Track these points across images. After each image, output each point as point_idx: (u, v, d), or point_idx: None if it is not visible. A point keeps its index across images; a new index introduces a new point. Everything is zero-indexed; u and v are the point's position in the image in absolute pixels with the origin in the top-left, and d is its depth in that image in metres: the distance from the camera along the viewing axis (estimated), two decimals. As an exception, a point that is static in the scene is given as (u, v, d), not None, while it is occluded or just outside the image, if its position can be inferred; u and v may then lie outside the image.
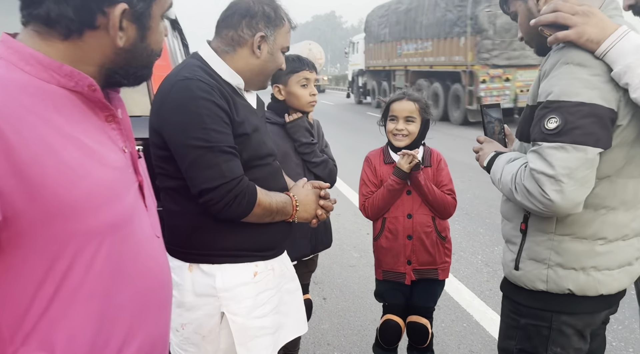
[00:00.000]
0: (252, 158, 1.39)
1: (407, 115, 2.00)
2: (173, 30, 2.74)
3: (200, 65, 1.37)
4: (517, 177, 1.18)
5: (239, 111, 1.35)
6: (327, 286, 3.42)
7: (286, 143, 2.00)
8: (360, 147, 9.08)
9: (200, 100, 1.26)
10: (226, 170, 1.27)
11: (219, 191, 1.27)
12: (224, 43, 1.40)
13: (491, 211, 5.00)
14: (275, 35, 1.41)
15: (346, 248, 4.15)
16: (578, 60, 1.12)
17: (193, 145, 1.25)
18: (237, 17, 1.38)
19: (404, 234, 2.02)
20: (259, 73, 1.45)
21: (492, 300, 3.11)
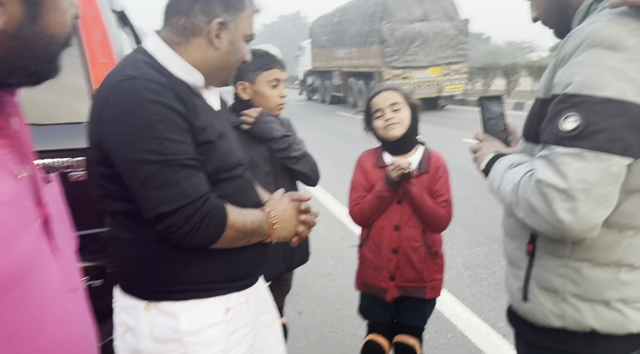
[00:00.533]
0: (219, 170, 1.18)
1: (392, 103, 1.81)
2: (124, 26, 2.47)
3: (147, 61, 1.13)
4: (520, 188, 0.96)
5: (199, 114, 1.13)
6: (303, 299, 3.21)
7: (253, 149, 1.78)
8: (333, 148, 8.95)
9: (149, 103, 1.04)
10: (188, 188, 1.05)
11: (181, 215, 1.05)
12: (175, 32, 1.17)
13: (468, 211, 4.90)
14: (236, 21, 1.19)
15: (321, 255, 3.95)
16: (609, 42, 0.88)
17: (144, 159, 1.03)
18: (189, 0, 1.15)
19: (389, 247, 1.84)
20: (219, 67, 1.22)
21: (475, 307, 2.97)
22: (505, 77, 16.43)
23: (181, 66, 1.16)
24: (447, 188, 1.86)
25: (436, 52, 13.36)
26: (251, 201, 1.28)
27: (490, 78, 17.56)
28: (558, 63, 0.97)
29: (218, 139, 1.17)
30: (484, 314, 2.88)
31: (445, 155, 1.99)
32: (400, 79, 13.05)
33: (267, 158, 1.81)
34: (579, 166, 0.87)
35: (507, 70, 16.30)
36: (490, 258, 3.72)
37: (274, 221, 1.25)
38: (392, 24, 13.04)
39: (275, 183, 1.82)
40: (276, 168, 1.82)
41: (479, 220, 4.60)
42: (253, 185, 1.35)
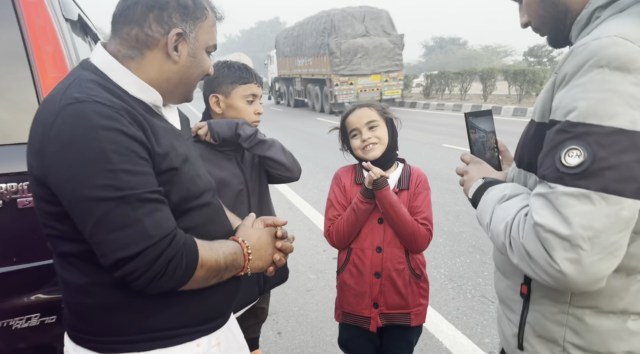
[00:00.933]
0: (186, 199, 1.05)
1: (368, 121, 1.70)
2: (84, 34, 2.32)
3: (95, 79, 0.99)
4: (514, 229, 0.83)
5: (159, 138, 1.00)
6: (282, 317, 3.07)
7: (222, 167, 1.65)
8: (311, 156, 8.83)
9: (100, 130, 0.90)
10: (151, 227, 0.92)
11: (144, 259, 0.91)
12: (126, 45, 1.04)
13: (449, 218, 4.83)
14: (196, 31, 1.07)
15: (301, 269, 3.82)
16: (618, 62, 0.75)
17: (97, 197, 0.89)
18: (142, 8, 1.02)
19: (371, 271, 1.72)
20: (179, 82, 1.09)
21: (460, 322, 2.88)
22: (482, 82, 16.60)
23: (136, 84, 1.03)
24: (427, 205, 1.75)
25: (376, 62, 16.07)
26: (222, 230, 1.16)
27: (467, 83, 17.74)
28: (558, 83, 0.84)
29: (182, 164, 1.04)
30: (469, 329, 2.79)
31: (425, 161, 1.89)
32: (347, 85, 16.06)
33: (239, 176, 1.68)
34: (584, 209, 0.74)
35: (484, 74, 16.48)
36: (473, 268, 3.65)
37: (248, 252, 1.14)
38: (339, 39, 15.82)
39: (248, 203, 1.70)
40: (249, 186, 1.70)
41: (461, 228, 4.53)
42: (223, 211, 1.22)
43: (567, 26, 0.93)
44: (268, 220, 1.27)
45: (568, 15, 0.92)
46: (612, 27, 0.80)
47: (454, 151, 8.42)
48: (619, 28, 0.79)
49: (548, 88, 0.88)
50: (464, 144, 9.35)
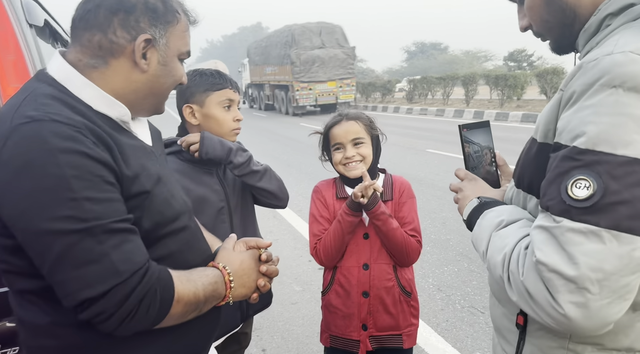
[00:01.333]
0: (159, 224, 0.95)
1: (353, 138, 1.61)
2: (53, 40, 2.19)
3: (52, 93, 0.88)
4: (512, 264, 0.75)
5: (128, 159, 0.90)
6: (267, 333, 2.97)
7: (201, 183, 1.54)
8: (296, 162, 8.74)
9: (59, 153, 0.79)
10: (120, 261, 0.82)
11: (113, 299, 0.81)
12: (89, 53, 0.92)
13: (435, 225, 4.78)
14: (167, 37, 0.96)
15: (286, 280, 3.72)
16: (634, 82, 0.67)
17: (57, 229, 0.78)
18: (105, 12, 0.91)
19: (359, 290, 1.63)
20: (148, 93, 0.99)
21: (450, 334, 2.81)
22: (464, 87, 16.74)
23: (100, 97, 0.92)
24: (414, 215, 1.67)
25: (332, 70, 18.33)
26: (200, 256, 1.06)
27: (449, 88, 17.87)
28: (564, 102, 0.76)
29: (155, 186, 0.94)
30: (459, 342, 2.72)
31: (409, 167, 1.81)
32: (307, 90, 18.24)
33: (220, 192, 1.57)
34: (592, 248, 0.66)
35: (466, 79, 16.61)
36: (461, 277, 3.59)
37: (230, 280, 1.04)
38: (299, 50, 18.11)
39: (230, 221, 1.60)
40: (230, 203, 1.59)
41: (448, 236, 4.48)
42: (201, 234, 1.12)
43: (575, 32, 0.85)
44: (251, 241, 1.17)
45: (576, 21, 0.84)
46: (626, 40, 0.72)
47: (439, 156, 8.41)
48: (634, 42, 0.70)
49: (553, 106, 0.79)
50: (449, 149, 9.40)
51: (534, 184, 0.82)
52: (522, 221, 0.83)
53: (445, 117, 15.77)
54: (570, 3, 0.83)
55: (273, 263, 1.17)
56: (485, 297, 3.21)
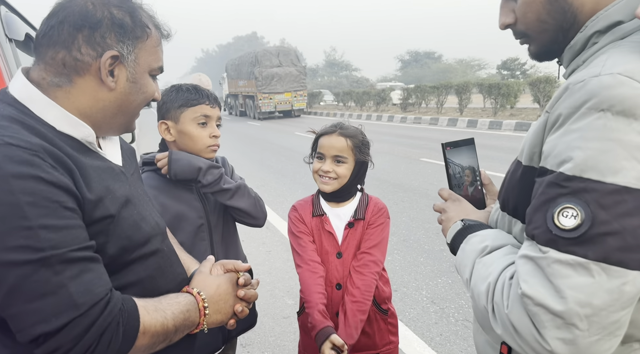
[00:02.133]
0: (126, 249, 0.91)
1: (335, 154, 1.58)
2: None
3: (11, 115, 0.84)
4: (497, 295, 0.72)
5: (90, 182, 0.86)
6: (257, 349, 2.91)
7: (180, 199, 1.50)
8: (289, 171, 8.71)
9: (13, 179, 0.75)
10: (78, 293, 0.77)
11: (70, 333, 0.76)
12: (52, 71, 0.89)
13: (429, 236, 4.75)
14: (136, 53, 0.93)
15: (278, 294, 3.67)
16: (622, 106, 0.64)
17: (10, 261, 0.74)
18: (68, 28, 0.88)
19: (333, 310, 1.59)
20: (117, 112, 0.95)
21: (444, 349, 2.76)
22: (457, 95, 16.81)
23: (63, 117, 0.89)
24: (378, 241, 1.60)
25: (287, 84, 23.22)
26: (173, 281, 1.02)
27: (443, 97, 17.94)
28: (550, 124, 0.72)
29: (122, 209, 0.91)
30: (453, 357, 2.68)
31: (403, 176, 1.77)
32: (268, 99, 22.87)
33: (199, 208, 1.53)
34: (580, 282, 0.62)
35: (460, 88, 16.69)
36: (455, 289, 3.56)
37: (204, 305, 1.00)
38: (260, 69, 22.90)
39: (210, 239, 1.56)
40: (210, 220, 1.55)
41: (442, 246, 4.45)
42: (175, 257, 1.08)
43: (568, 39, 0.81)
44: (228, 264, 1.14)
45: (573, 27, 0.79)
46: (614, 61, 0.69)
47: (433, 165, 8.41)
48: (623, 63, 0.67)
49: (538, 129, 0.76)
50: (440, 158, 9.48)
51: (519, 208, 0.80)
52: (507, 247, 0.79)
53: (439, 125, 15.81)
54: (574, 5, 0.78)
55: (252, 287, 1.13)
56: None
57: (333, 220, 1.62)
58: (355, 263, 1.58)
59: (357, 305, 1.53)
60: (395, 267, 4.01)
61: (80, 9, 0.88)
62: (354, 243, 1.60)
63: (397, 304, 3.33)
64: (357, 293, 1.54)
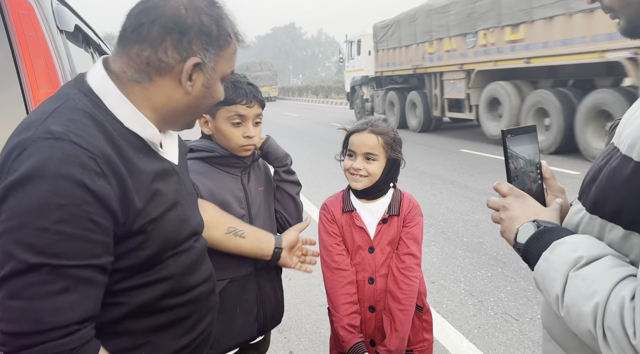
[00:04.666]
0: (164, 249, 0.93)
1: (366, 151, 1.55)
2: (86, 45, 2.24)
3: (85, 107, 0.85)
4: (611, 319, 0.61)
5: (140, 189, 0.87)
6: (294, 335, 2.95)
7: (225, 188, 1.52)
8: (325, 162, 8.71)
9: (60, 178, 0.76)
10: (49, 311, 0.75)
11: (17, 341, 0.75)
12: (134, 67, 0.91)
13: (467, 228, 4.66)
14: (216, 61, 0.94)
15: (314, 282, 3.70)
16: None
17: (13, 253, 0.75)
18: (159, 29, 0.88)
19: (365, 305, 1.57)
20: (185, 112, 0.97)
21: (482, 342, 2.72)
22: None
23: (133, 116, 0.91)
24: (415, 237, 1.59)
25: (266, 81, 37.37)
26: (201, 277, 1.04)
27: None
28: None
29: (168, 211, 0.93)
30: (491, 350, 2.63)
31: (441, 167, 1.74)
32: None
33: (242, 199, 1.54)
34: None
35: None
36: (495, 282, 3.48)
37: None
38: (249, 72, 34.11)
39: None
40: (251, 211, 1.57)
41: (481, 239, 4.36)
42: (205, 254, 1.10)
43: None
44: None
45: None
46: None
47: (473, 156, 8.22)
48: None
49: None
50: (483, 149, 9.14)
51: (624, 212, 0.67)
52: (608, 258, 0.67)
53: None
54: None
55: None
56: (520, 303, 3.10)
57: (364, 215, 1.61)
58: (400, 265, 1.55)
59: (405, 314, 1.53)
60: (433, 259, 3.97)
61: (173, 12, 0.89)
62: (387, 238, 1.59)
63: (435, 296, 3.29)
64: (406, 302, 1.53)
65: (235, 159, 1.51)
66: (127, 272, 0.88)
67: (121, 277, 0.87)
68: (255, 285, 1.55)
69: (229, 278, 1.48)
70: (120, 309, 0.89)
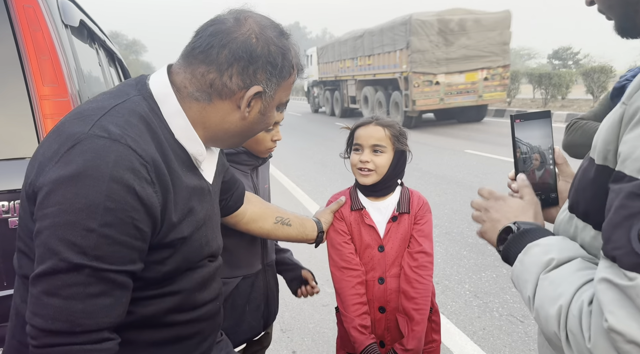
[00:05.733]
0: (183, 267, 0.93)
1: (374, 143, 1.53)
2: (91, 41, 2.23)
3: (142, 112, 0.86)
4: (572, 321, 0.62)
5: (179, 203, 0.88)
6: (297, 335, 2.94)
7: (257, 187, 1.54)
8: (330, 161, 8.70)
9: (112, 182, 0.76)
10: (84, 313, 0.77)
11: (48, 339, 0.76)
12: (197, 85, 0.91)
13: (472, 229, 4.63)
14: (276, 90, 0.95)
15: (318, 282, 3.66)
16: None
17: (57, 250, 0.75)
18: (228, 55, 0.89)
19: (375, 305, 1.55)
20: (237, 135, 0.99)
21: (487, 343, 2.69)
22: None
23: (185, 129, 0.91)
24: (427, 234, 1.58)
25: None
26: (210, 295, 1.03)
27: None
28: (627, 118, 0.62)
29: (196, 231, 0.93)
30: (496, 352, 2.61)
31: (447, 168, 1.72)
32: None
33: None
34: None
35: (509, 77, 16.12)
36: (500, 283, 3.45)
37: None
38: None
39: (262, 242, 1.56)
40: None
41: (486, 240, 4.33)
42: (217, 272, 1.09)
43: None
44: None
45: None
46: None
47: (478, 157, 8.18)
48: None
49: (614, 122, 0.66)
50: (488, 150, 9.14)
51: (591, 212, 0.70)
52: (577, 261, 0.68)
53: (486, 116, 15.35)
54: None
55: None
56: (525, 305, 3.07)
57: (373, 213, 1.58)
58: (413, 264, 1.54)
59: (421, 314, 1.51)
60: (438, 260, 3.94)
61: (244, 39, 0.89)
62: (397, 236, 1.56)
63: (439, 297, 3.27)
64: (421, 301, 1.52)
65: (247, 157, 1.51)
66: (142, 283, 0.88)
67: (136, 287, 0.87)
68: (263, 282, 1.55)
69: (242, 276, 1.48)
70: (126, 318, 0.88)
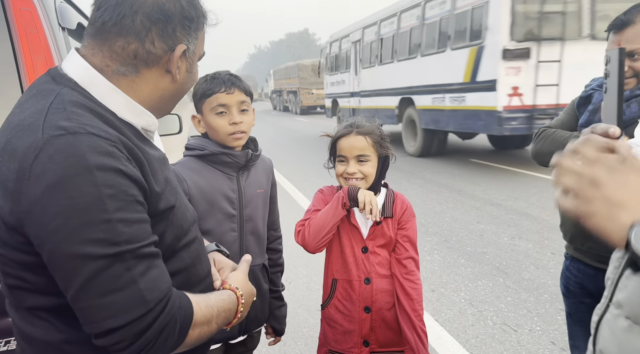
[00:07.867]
0: (179, 238, 0.93)
1: (358, 154, 1.54)
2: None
3: (79, 101, 0.81)
4: None
5: (156, 174, 0.86)
6: (290, 338, 2.95)
7: (215, 189, 1.49)
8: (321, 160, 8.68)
9: (97, 171, 0.74)
10: (147, 289, 0.78)
11: (134, 329, 0.76)
12: (119, 60, 0.87)
13: (472, 237, 4.62)
14: (196, 44, 0.93)
15: (314, 287, 3.70)
16: None
17: (88, 254, 0.74)
18: (143, 20, 0.85)
19: (360, 305, 1.57)
20: (171, 99, 0.96)
21: (479, 351, 2.69)
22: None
23: (127, 105, 0.88)
24: (412, 238, 1.60)
25: None
26: (206, 269, 1.03)
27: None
28: None
29: (177, 199, 0.93)
30: (488, 360, 2.60)
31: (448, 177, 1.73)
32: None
33: (234, 199, 1.53)
34: None
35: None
36: (495, 292, 3.44)
37: (240, 309, 1.01)
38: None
39: (240, 231, 1.54)
40: (243, 212, 1.56)
41: (484, 249, 4.32)
42: (204, 246, 1.09)
43: None
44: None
45: None
46: None
47: (481, 166, 8.16)
48: None
49: None
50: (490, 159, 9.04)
51: None
52: None
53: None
54: None
55: None
56: (520, 314, 3.06)
57: (358, 214, 1.60)
58: (403, 271, 1.56)
59: (419, 317, 1.56)
60: (435, 267, 3.94)
61: (154, 0, 0.86)
62: (381, 239, 1.58)
63: (434, 305, 3.27)
64: (418, 306, 1.56)
65: (227, 157, 1.50)
66: None
67: None
68: None
69: None
70: None
